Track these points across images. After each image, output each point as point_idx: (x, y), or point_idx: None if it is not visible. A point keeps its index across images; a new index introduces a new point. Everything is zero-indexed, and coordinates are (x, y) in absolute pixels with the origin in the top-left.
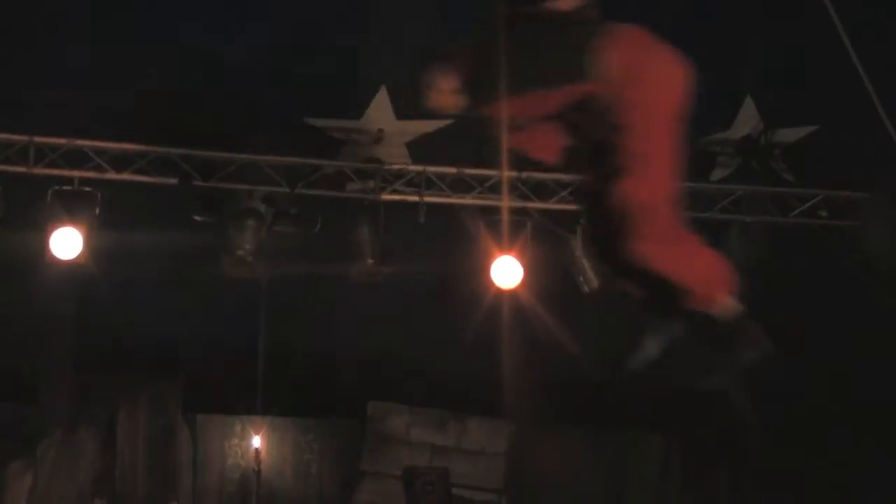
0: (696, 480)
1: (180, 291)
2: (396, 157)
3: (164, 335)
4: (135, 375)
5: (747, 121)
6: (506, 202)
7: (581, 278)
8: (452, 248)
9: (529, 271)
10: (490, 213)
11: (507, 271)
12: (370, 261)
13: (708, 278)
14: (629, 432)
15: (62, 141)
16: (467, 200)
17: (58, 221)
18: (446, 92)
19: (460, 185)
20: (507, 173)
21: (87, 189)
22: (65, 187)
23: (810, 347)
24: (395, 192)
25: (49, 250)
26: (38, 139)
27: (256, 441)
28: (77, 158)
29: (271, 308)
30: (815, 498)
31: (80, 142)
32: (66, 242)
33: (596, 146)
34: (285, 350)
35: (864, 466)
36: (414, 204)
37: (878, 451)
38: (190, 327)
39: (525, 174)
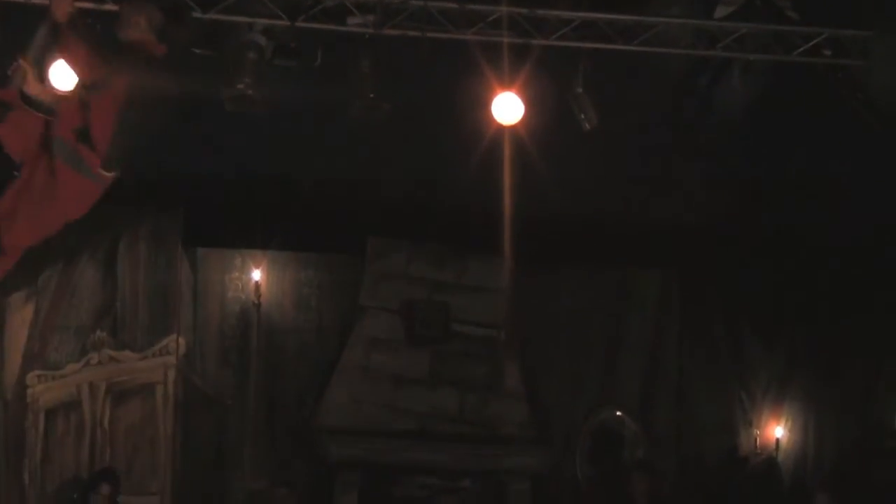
0: (695, 315)
1: (181, 126)
2: None
3: (166, 169)
4: (136, 208)
5: None
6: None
7: (581, 115)
8: (453, 83)
9: (530, 107)
10: (491, 49)
11: (507, 107)
12: (371, 95)
13: None
14: (628, 268)
15: None
16: (469, 35)
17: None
18: None
19: (462, 20)
20: (508, 8)
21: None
22: None
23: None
24: (396, 26)
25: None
26: None
27: (256, 275)
28: None
29: (272, 142)
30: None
31: None
32: (62, 74)
33: None
34: (286, 184)
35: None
36: (415, 39)
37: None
38: (191, 161)
39: (527, 10)
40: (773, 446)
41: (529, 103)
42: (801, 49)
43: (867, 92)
